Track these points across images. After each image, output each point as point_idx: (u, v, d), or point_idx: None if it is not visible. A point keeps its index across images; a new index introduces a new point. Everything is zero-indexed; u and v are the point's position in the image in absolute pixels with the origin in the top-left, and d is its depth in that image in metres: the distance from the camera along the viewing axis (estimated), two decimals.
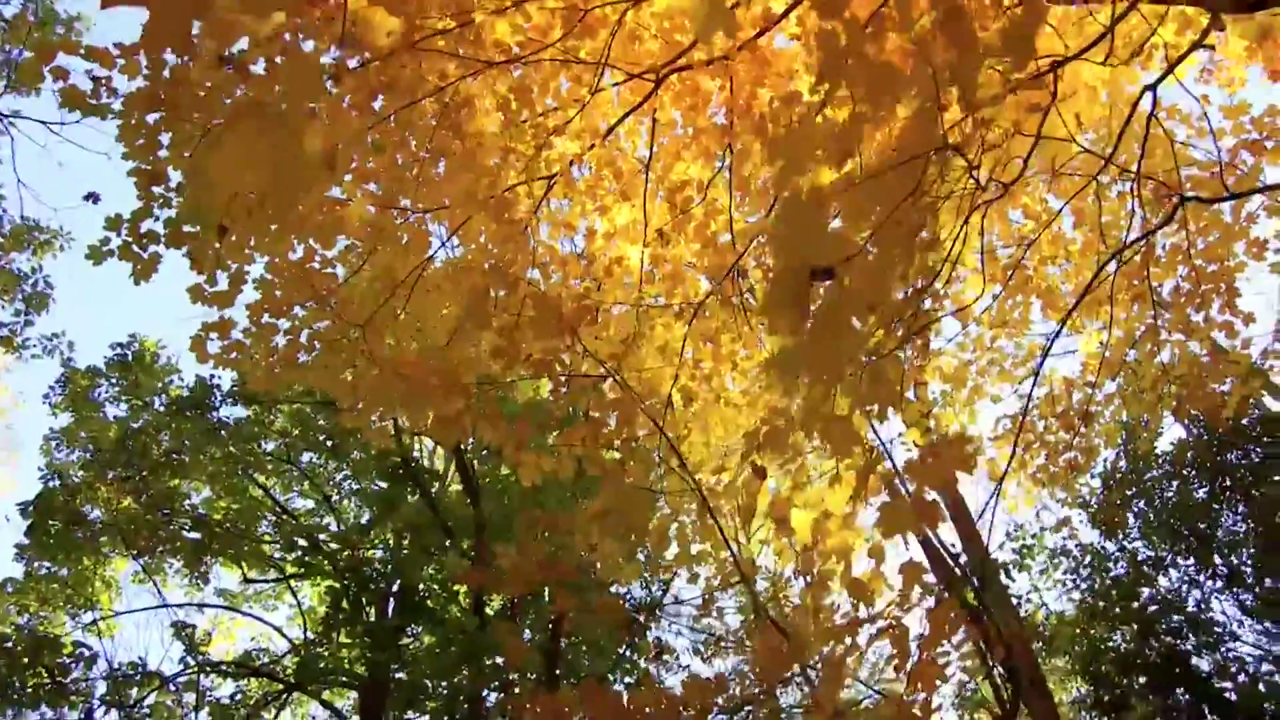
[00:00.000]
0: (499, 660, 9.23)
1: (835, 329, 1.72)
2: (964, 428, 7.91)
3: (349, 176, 5.42)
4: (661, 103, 6.28)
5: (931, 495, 3.61)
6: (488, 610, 10.57)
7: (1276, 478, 10.29)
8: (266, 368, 5.91)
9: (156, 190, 4.74)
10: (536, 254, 6.47)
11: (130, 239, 4.75)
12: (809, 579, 4.66)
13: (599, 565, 6.13)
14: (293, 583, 15.34)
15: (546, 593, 11.16)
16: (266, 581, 16.09)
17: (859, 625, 2.84)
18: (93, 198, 6.78)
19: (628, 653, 12.55)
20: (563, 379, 5.12)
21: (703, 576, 6.28)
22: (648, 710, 3.93)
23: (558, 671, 10.78)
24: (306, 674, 11.59)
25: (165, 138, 4.64)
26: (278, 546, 14.64)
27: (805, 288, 1.72)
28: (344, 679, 12.71)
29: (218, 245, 4.94)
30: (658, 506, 6.18)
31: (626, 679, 11.66)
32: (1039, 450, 7.73)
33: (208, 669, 13.37)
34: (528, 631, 11.44)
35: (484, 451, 12.38)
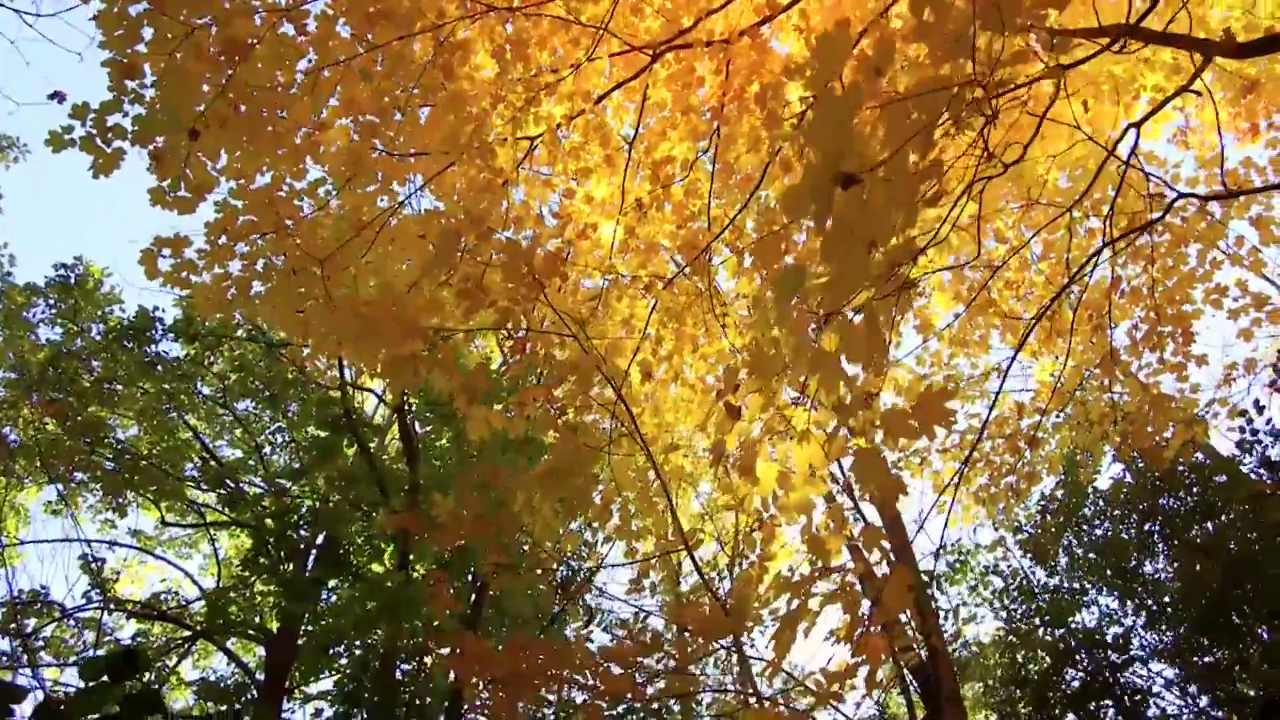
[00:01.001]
0: (418, 625, 9.08)
1: (851, 244, 1.68)
2: (910, 441, 7.96)
3: (332, 102, 5.28)
4: (655, 79, 6.25)
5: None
6: (414, 574, 10.40)
7: (1206, 525, 10.55)
8: (218, 293, 5.74)
9: (130, 85, 4.56)
10: (509, 214, 6.39)
11: (95, 131, 4.56)
12: (753, 557, 4.63)
13: (534, 531, 6.06)
14: (212, 530, 14.99)
15: (473, 568, 11.03)
16: (185, 526, 15.70)
17: (816, 579, 2.80)
18: (58, 97, 6.53)
19: (554, 626, 12.48)
20: (525, 331, 5.03)
21: (639, 553, 6.23)
22: (575, 665, 3.87)
23: None
24: (216, 621, 11.29)
25: (147, 32, 4.48)
26: (201, 490, 14.29)
27: (830, 190, 1.67)
28: (252, 632, 12.45)
29: (186, 154, 4.79)
30: (601, 478, 6.12)
31: None
32: (983, 470, 7.82)
33: (112, 607, 12.99)
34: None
35: (428, 414, 12.21)
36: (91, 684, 2.24)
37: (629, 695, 4.02)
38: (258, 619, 13.17)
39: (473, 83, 5.60)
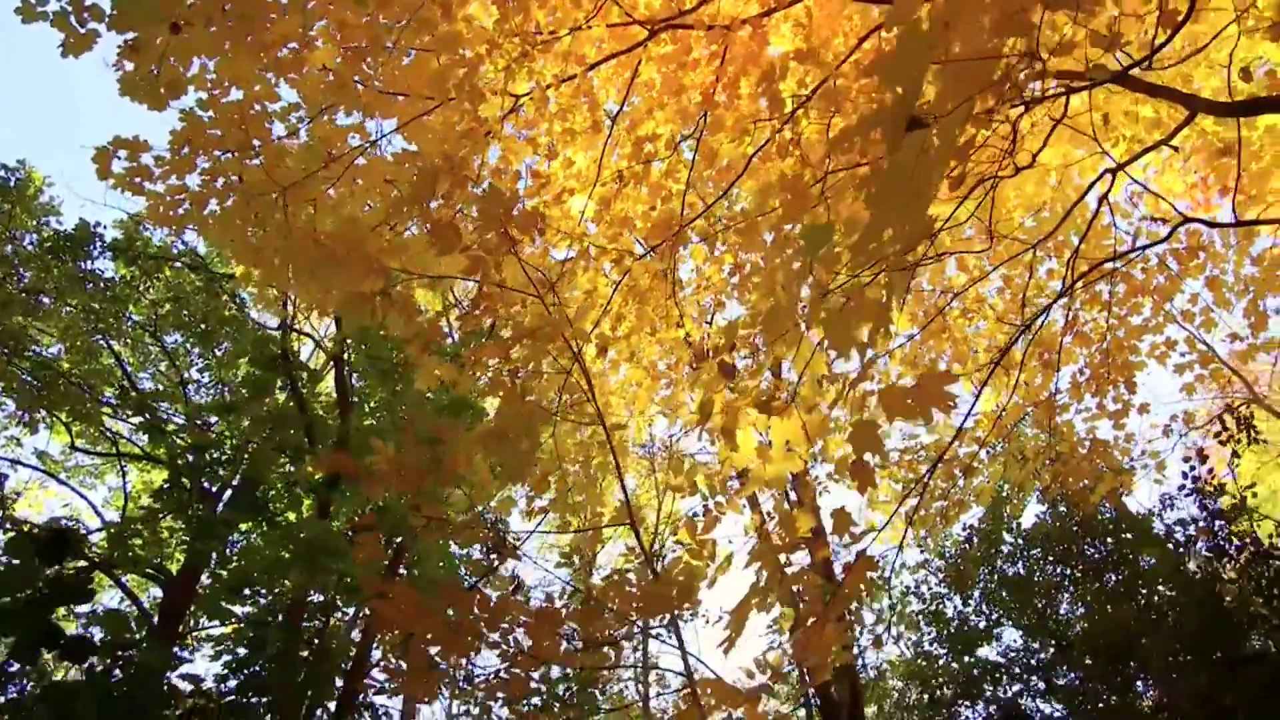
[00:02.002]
0: (329, 581, 8.85)
1: (905, 189, 1.63)
2: (849, 455, 8.01)
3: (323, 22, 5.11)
4: (648, 56, 6.19)
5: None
6: (333, 526, 10.12)
7: (1120, 572, 10.80)
8: (171, 205, 5.54)
9: None
10: (481, 170, 6.26)
11: (70, 8, 4.34)
12: (690, 543, 4.57)
13: (471, 492, 5.95)
14: (122, 462, 14.49)
15: (391, 531, 10.80)
16: (95, 454, 15.16)
17: (783, 551, 2.74)
18: None
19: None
20: (493, 285, 4.91)
21: (572, 526, 6.15)
22: (509, 622, 3.78)
23: None
24: (116, 554, 10.87)
25: None
26: (118, 420, 13.81)
27: (901, 128, 1.62)
28: (151, 571, 12.06)
29: (164, 48, 4.58)
30: (542, 448, 6.03)
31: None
32: (916, 491, 7.88)
33: (8, 527, 12.45)
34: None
35: (365, 368, 11.91)
36: (16, 563, 2.09)
37: (551, 660, 3.93)
38: (158, 559, 12.75)
39: (469, 27, 5.46)
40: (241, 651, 8.17)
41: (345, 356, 11.55)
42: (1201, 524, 8.81)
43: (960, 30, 2.18)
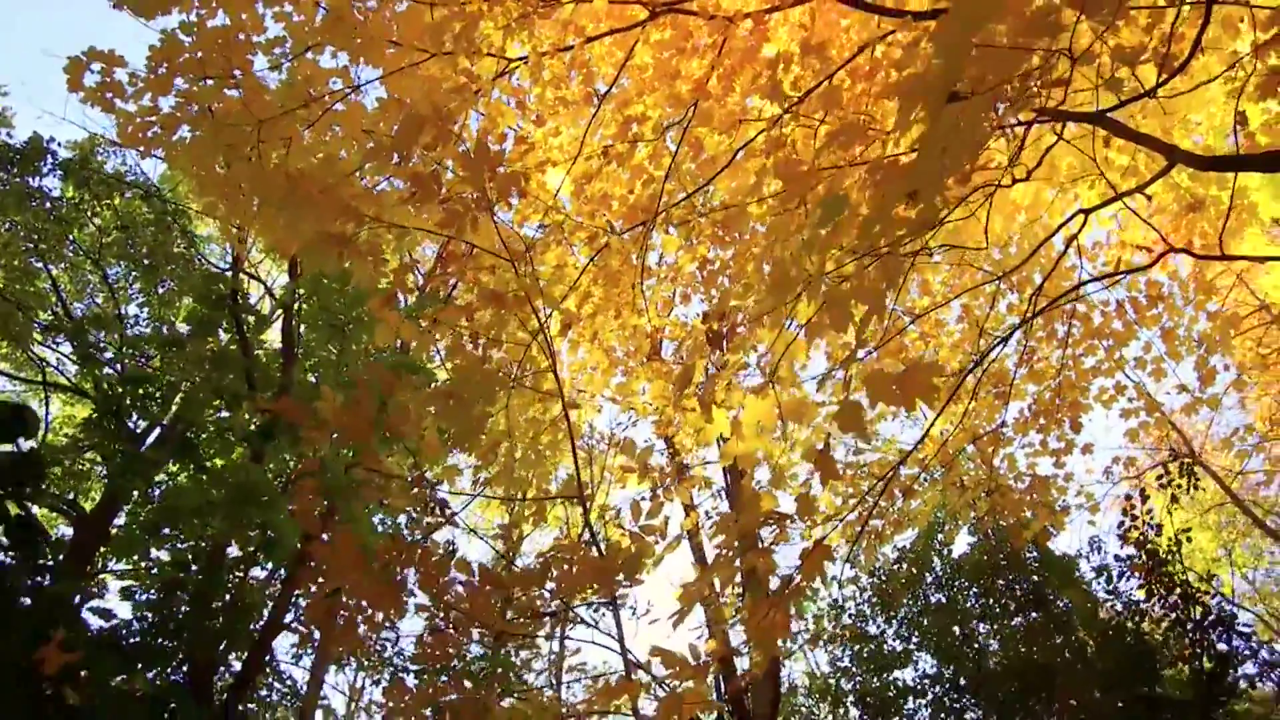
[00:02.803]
0: (251, 534, 8.62)
1: (936, 163, 1.61)
2: (791, 464, 8.02)
3: None
4: (645, 38, 6.14)
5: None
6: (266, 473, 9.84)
7: (1040, 611, 11.01)
8: (141, 126, 5.37)
9: None
10: (463, 130, 6.15)
11: None
12: (634, 527, 4.54)
13: (417, 453, 5.84)
14: (47, 391, 13.98)
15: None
16: (19, 379, 14.61)
17: (745, 535, 2.70)
18: None
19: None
20: (464, 245, 4.82)
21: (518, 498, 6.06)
22: (446, 581, 3.70)
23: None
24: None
25: None
26: (48, 348, 13.34)
27: (943, 100, 1.60)
28: (64, 506, 11.67)
29: None
30: (494, 420, 5.94)
31: None
32: (864, 506, 7.90)
33: None
34: None
35: (316, 320, 11.63)
36: None
37: (486, 625, 3.86)
38: (72, 494, 12.33)
39: None
40: (153, 595, 7.94)
41: (295, 306, 11.28)
42: (1137, 560, 8.98)
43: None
